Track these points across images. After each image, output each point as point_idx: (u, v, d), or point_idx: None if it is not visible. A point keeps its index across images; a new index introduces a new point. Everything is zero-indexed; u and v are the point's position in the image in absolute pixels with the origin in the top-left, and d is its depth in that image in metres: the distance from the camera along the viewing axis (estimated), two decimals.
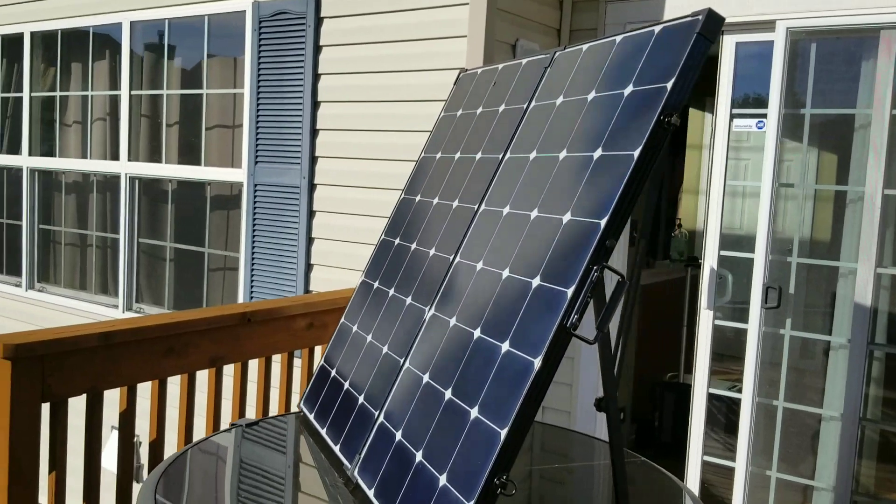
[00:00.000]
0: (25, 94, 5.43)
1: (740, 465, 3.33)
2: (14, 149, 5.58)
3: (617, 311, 1.62)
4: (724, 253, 3.42)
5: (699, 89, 5.67)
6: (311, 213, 3.85)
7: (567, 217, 1.55)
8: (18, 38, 5.42)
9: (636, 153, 1.42)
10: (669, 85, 1.42)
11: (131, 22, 4.68)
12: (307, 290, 3.90)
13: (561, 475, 2.08)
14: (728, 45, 3.33)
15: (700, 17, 1.41)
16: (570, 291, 1.43)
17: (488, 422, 1.46)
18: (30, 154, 5.47)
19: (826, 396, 3.29)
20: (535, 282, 1.54)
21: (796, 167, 3.29)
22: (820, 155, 3.28)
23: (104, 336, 2.45)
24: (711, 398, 3.51)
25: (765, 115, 3.19)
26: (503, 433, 1.42)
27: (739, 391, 3.35)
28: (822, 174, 3.29)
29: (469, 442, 1.49)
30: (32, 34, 5.31)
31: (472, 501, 1.40)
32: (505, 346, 1.53)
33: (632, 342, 4.22)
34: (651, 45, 1.55)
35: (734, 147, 3.48)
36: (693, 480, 3.50)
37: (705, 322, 3.42)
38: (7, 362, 2.21)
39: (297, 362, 3.61)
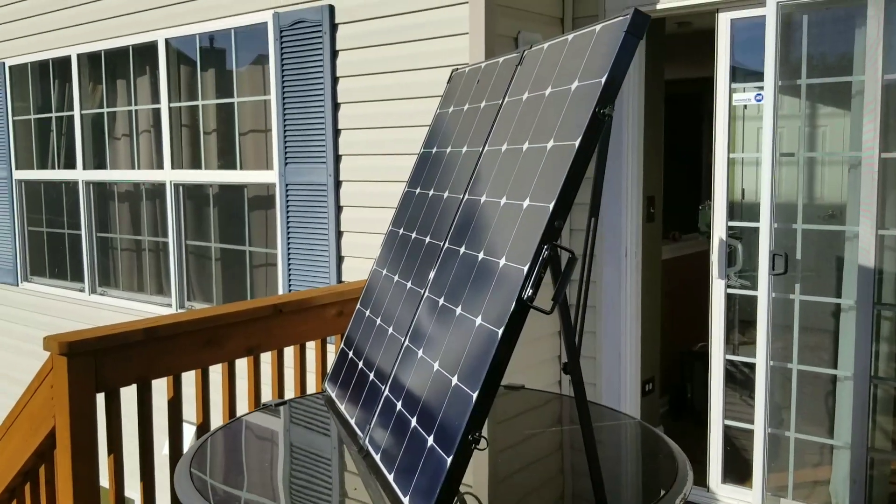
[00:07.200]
0: (77, 112, 5.79)
1: (759, 427, 3.45)
2: (70, 164, 5.97)
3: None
4: (732, 223, 3.53)
5: None
6: (338, 209, 4.08)
7: (527, 202, 1.73)
8: (66, 60, 5.75)
9: (577, 143, 1.60)
10: (604, 80, 1.59)
11: (166, 39, 4.98)
12: (339, 280, 4.14)
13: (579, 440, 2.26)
14: (723, 22, 3.42)
15: (627, 17, 1.57)
16: (525, 268, 1.61)
17: (464, 387, 1.66)
18: (84, 168, 5.78)
19: (839, 357, 3.38)
20: (502, 262, 1.73)
21: (796, 136, 3.37)
22: (819, 122, 3.36)
23: (148, 331, 2.72)
24: (730, 364, 3.63)
25: (762, 88, 3.28)
26: (475, 396, 1.61)
27: None
28: (822, 141, 3.37)
29: (449, 405, 1.69)
30: (79, 56, 5.65)
31: (451, 457, 1.60)
32: (478, 321, 1.72)
33: (659, 314, 4.34)
34: (592, 43, 1.71)
35: (742, 118, 3.58)
36: (716, 444, 3.63)
37: (718, 291, 3.54)
38: (63, 358, 2.50)
39: (331, 347, 3.85)
